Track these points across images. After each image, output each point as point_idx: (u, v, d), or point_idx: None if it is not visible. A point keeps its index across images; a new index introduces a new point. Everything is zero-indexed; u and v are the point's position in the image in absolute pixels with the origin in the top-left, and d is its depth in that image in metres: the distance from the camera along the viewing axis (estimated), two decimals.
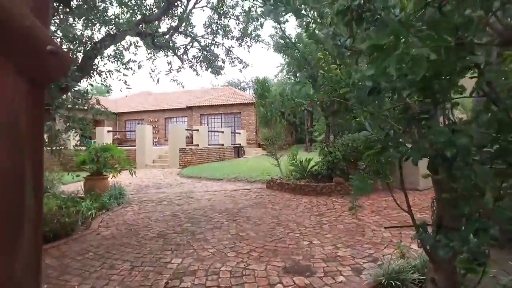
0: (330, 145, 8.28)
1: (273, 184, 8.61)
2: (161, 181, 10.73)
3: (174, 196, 7.88)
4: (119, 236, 4.69)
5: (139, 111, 28.48)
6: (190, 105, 25.69)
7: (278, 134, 8.72)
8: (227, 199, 7.46)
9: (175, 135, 14.25)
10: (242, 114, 24.11)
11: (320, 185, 7.80)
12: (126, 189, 8.91)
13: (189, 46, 7.89)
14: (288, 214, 5.90)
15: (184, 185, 9.74)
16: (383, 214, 5.81)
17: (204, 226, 5.16)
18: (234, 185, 9.57)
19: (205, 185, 9.68)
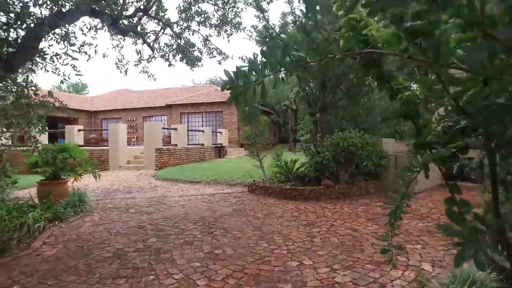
0: (318, 144, 7.57)
1: (255, 188, 7.83)
2: (133, 184, 9.79)
3: (144, 202, 7.00)
4: (65, 257, 3.80)
5: (116, 109, 27.17)
6: (170, 103, 24.61)
7: (261, 133, 7.96)
8: (203, 205, 6.63)
9: (151, 134, 13.28)
10: (224, 112, 23.24)
11: (307, 188, 7.07)
12: (91, 194, 7.97)
13: (160, 33, 7.02)
14: (272, 224, 5.13)
15: (158, 189, 8.84)
16: (381, 222, 5.12)
17: (173, 241, 4.33)
18: (213, 189, 8.74)
19: (181, 189, 8.81)
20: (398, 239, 4.30)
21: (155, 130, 13.28)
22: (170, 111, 24.82)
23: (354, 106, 7.51)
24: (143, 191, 8.59)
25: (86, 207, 6.14)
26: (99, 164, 13.92)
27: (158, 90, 30.25)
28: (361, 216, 5.56)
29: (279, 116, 29.94)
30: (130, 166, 13.61)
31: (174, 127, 15.48)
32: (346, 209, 6.07)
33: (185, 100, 24.34)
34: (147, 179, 10.89)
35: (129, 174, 12.05)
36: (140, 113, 26.18)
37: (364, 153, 6.99)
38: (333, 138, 6.94)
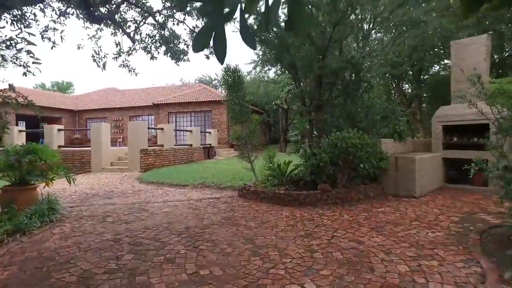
0: (314, 145, 7.04)
1: (246, 192, 7.25)
2: (114, 188, 9.10)
3: (124, 209, 6.35)
4: (16, 283, 3.16)
5: (102, 109, 26.27)
6: (157, 102, 23.85)
7: (252, 132, 7.38)
8: (190, 212, 6.03)
9: (136, 134, 12.58)
10: (213, 112, 22.59)
11: (302, 193, 6.52)
12: (67, 200, 7.30)
13: (142, 22, 6.37)
14: (266, 235, 4.57)
15: (141, 193, 8.19)
16: (387, 232, 4.60)
17: (152, 258, 3.72)
18: (200, 193, 8.13)
19: (166, 193, 8.17)
20: (409, 253, 3.79)
21: (140, 129, 12.59)
22: (158, 110, 24.06)
23: (352, 104, 7.00)
24: (124, 196, 7.92)
25: (57, 216, 5.47)
26: (81, 166, 13.19)
27: (145, 89, 29.44)
28: (363, 224, 5.04)
29: (269, 116, 29.43)
30: (113, 168, 12.89)
31: (161, 127, 14.79)
32: (346, 217, 5.54)
33: (173, 100, 23.61)
34: (130, 182, 10.21)
35: (112, 177, 11.34)
36: (126, 113, 25.33)
37: (364, 154, 6.48)
38: (331, 139, 6.40)
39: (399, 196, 7.23)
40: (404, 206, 6.27)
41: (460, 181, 8.18)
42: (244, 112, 7.45)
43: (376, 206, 6.30)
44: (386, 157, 7.34)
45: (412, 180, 7.10)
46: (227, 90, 7.64)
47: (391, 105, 7.55)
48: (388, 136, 8.13)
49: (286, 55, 7.52)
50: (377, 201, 6.83)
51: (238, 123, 7.60)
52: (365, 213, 5.79)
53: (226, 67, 7.51)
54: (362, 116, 7.08)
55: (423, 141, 9.50)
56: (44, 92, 29.93)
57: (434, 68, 21.17)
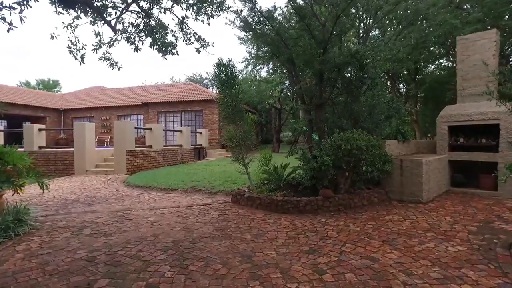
0: (315, 147, 6.49)
1: (240, 198, 6.66)
2: (97, 193, 8.42)
3: (105, 218, 5.71)
4: None
5: (89, 108, 25.38)
6: (146, 101, 23.08)
7: (247, 133, 6.79)
8: (178, 222, 5.42)
9: (122, 134, 11.86)
10: (204, 112, 21.94)
11: (302, 200, 5.96)
12: (42, 208, 6.62)
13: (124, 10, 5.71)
14: (265, 251, 3.99)
15: (126, 199, 7.54)
16: (402, 246, 4.07)
17: (131, 284, 3.11)
18: (190, 199, 7.51)
19: (153, 199, 7.53)
20: (433, 274, 3.25)
21: (127, 129, 11.89)
22: (147, 109, 23.30)
23: (355, 102, 6.46)
24: (107, 202, 7.26)
25: (25, 228, 4.80)
26: (63, 169, 12.45)
27: (134, 88, 28.63)
28: (373, 236, 4.49)
29: (262, 115, 28.87)
30: (98, 171, 12.16)
31: (149, 127, 14.09)
32: (353, 227, 4.99)
33: (162, 98, 22.88)
34: (115, 186, 9.53)
35: (96, 180, 10.63)
36: (114, 112, 24.50)
37: (369, 157, 5.95)
38: (334, 140, 5.85)
39: (404, 201, 6.74)
40: (413, 213, 5.76)
41: (467, 185, 7.72)
42: (237, 111, 6.86)
43: (382, 214, 5.78)
44: (391, 159, 6.84)
45: (419, 184, 6.60)
46: (219, 87, 7.04)
47: (396, 103, 7.03)
48: (391, 136, 7.63)
49: (283, 49, 6.95)
50: (382, 207, 6.32)
51: (231, 123, 7.01)
52: (372, 221, 5.25)
53: (218, 62, 6.91)
54: (366, 115, 6.54)
55: (427, 142, 9.03)
56: (27, 90, 28.84)
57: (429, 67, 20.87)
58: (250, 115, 6.87)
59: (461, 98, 7.92)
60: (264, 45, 7.54)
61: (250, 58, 30.24)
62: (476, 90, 7.56)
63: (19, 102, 22.39)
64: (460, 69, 7.85)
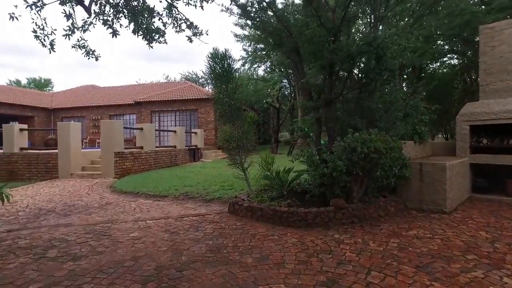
0: (323, 149, 5.66)
1: (238, 208, 5.82)
2: (78, 200, 7.54)
3: (79, 234, 4.85)
4: None
5: (79, 107, 24.44)
6: (139, 100, 22.16)
7: (246, 134, 5.95)
8: (165, 239, 4.57)
9: (110, 134, 10.97)
10: (199, 111, 21.07)
11: (311, 211, 5.13)
12: (9, 220, 5.75)
13: None
14: (271, 282, 3.15)
15: (109, 208, 6.67)
16: (442, 275, 3.24)
17: None
18: (182, 207, 6.66)
19: (140, 208, 6.67)
20: None
21: (115, 129, 10.99)
22: (140, 109, 22.40)
23: (370, 98, 5.64)
24: (87, 212, 6.39)
25: None
26: (46, 172, 11.53)
27: (127, 87, 27.72)
28: (402, 260, 3.66)
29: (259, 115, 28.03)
30: (84, 174, 11.27)
31: (140, 127, 13.19)
32: (373, 246, 4.17)
33: (156, 97, 21.98)
34: (100, 192, 8.64)
35: (80, 185, 9.74)
36: (106, 111, 23.56)
37: (388, 161, 5.13)
38: (348, 142, 5.02)
39: (424, 210, 5.94)
40: (439, 227, 4.95)
41: (491, 191, 6.93)
42: (235, 109, 6.02)
43: (404, 227, 4.96)
44: (409, 163, 6.03)
45: (442, 191, 5.80)
46: (214, 82, 6.20)
47: (413, 100, 6.22)
48: (405, 137, 6.83)
49: (287, 39, 6.12)
50: (401, 218, 5.51)
51: (228, 122, 6.17)
52: (395, 238, 4.43)
53: (213, 52, 6.07)
54: (382, 113, 5.72)
55: (443, 144, 8.24)
56: (15, 89, 27.80)
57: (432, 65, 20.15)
58: (249, 113, 6.03)
59: (484, 94, 7.12)
60: (264, 34, 6.69)
61: (247, 56, 29.49)
62: (502, 86, 6.78)
63: (4, 101, 21.40)
64: (484, 62, 7.05)
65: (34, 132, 23.37)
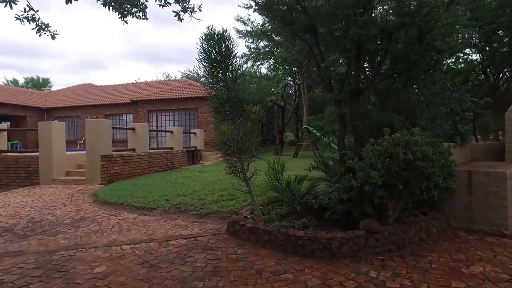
0: (348, 154, 4.40)
1: (240, 229, 4.58)
2: (50, 214, 6.33)
3: (24, 271, 3.63)
4: None
5: (74, 106, 23.30)
6: (135, 98, 20.98)
7: (249, 134, 4.70)
8: (140, 278, 3.34)
9: (95, 135, 9.75)
10: (199, 110, 19.86)
11: (336, 237, 3.88)
12: None
13: None
14: None
15: (82, 226, 5.45)
16: None
17: None
18: (171, 225, 5.43)
19: (120, 225, 5.45)
20: None
21: (101, 130, 9.78)
22: (137, 108, 21.22)
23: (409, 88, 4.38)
24: (53, 231, 5.18)
25: None
26: (26, 177, 10.35)
27: (125, 85, 26.57)
28: None
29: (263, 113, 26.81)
30: (68, 180, 10.07)
31: (132, 127, 11.98)
32: None
33: (153, 96, 20.80)
34: (79, 202, 7.42)
35: (60, 193, 8.53)
36: (101, 111, 22.40)
37: (437, 170, 3.88)
38: (385, 145, 3.77)
39: (475, 232, 4.69)
40: (509, 258, 3.70)
41: None
42: (235, 103, 4.79)
43: (460, 259, 3.71)
44: (455, 171, 4.77)
45: (500, 208, 4.55)
46: (209, 69, 4.97)
47: (456, 93, 4.95)
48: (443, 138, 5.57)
49: (299, 15, 4.88)
50: (449, 243, 4.27)
51: (226, 119, 4.93)
52: (456, 279, 3.19)
53: (208, 33, 4.84)
54: (424, 108, 4.46)
55: (484, 146, 6.96)
56: (7, 87, 26.71)
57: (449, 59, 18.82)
58: (252, 109, 4.78)
59: None
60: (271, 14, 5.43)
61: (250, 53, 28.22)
62: None
63: None
64: None
65: (27, 132, 22.24)
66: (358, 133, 4.42)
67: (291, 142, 32.21)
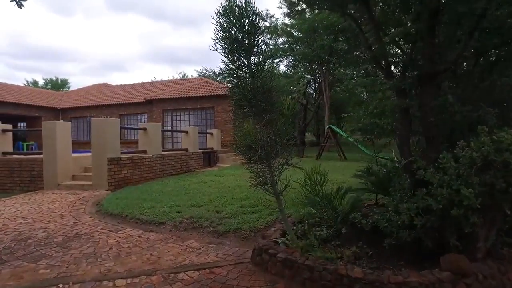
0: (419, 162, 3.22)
1: (269, 260, 3.47)
2: (41, 228, 5.40)
3: None
4: None
5: (88, 106, 22.73)
6: (150, 97, 20.18)
7: (281, 134, 3.58)
8: None
9: (102, 136, 8.82)
10: (216, 109, 18.86)
11: (410, 282, 2.71)
12: None
13: None
14: None
15: (74, 247, 4.47)
16: None
17: None
18: (181, 247, 4.38)
19: (120, 246, 4.44)
20: None
21: (108, 130, 8.85)
22: (151, 107, 20.41)
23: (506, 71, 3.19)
24: (37, 254, 4.21)
25: None
26: (30, 181, 9.56)
27: (139, 85, 25.85)
28: None
29: None
30: (73, 184, 9.19)
31: (143, 127, 11.04)
32: None
33: (168, 94, 19.94)
34: (79, 213, 6.48)
35: (61, 200, 7.63)
36: (115, 111, 21.71)
37: None
38: (483, 151, 2.59)
39: None
40: None
41: None
42: (262, 94, 3.68)
43: None
44: None
45: None
46: (228, 51, 3.87)
47: None
48: None
49: None
50: None
51: (251, 116, 3.82)
52: None
53: (226, 5, 3.75)
54: None
55: None
56: (24, 88, 26.47)
57: None
58: (286, 100, 3.65)
59: None
60: None
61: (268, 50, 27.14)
62: None
63: (8, 100, 19.83)
64: None
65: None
66: (432, 132, 3.24)
67: (312, 143, 30.93)
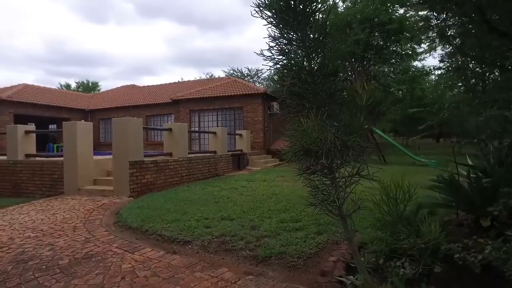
0: None
1: None
2: (49, 245, 4.61)
3: None
4: None
5: (115, 108, 22.53)
6: (176, 98, 19.58)
7: (354, 133, 2.53)
8: None
9: (123, 137, 8.05)
10: (245, 109, 17.95)
11: None
12: None
13: None
14: None
15: (79, 274, 3.60)
16: None
17: None
18: (210, 279, 3.39)
19: (133, 277, 3.52)
20: None
21: (130, 130, 8.06)
22: (178, 108, 19.81)
23: None
24: (33, 282, 3.36)
25: None
26: (51, 185, 9.00)
27: (167, 85, 25.48)
28: None
29: None
30: (94, 190, 8.49)
31: (168, 127, 10.25)
32: None
33: (195, 94, 19.27)
34: (95, 225, 5.67)
35: (79, 208, 6.89)
36: (142, 112, 21.32)
37: None
38: None
39: None
40: None
41: None
42: (327, 75, 2.65)
43: None
44: None
45: None
46: (276, 24, 2.85)
47: None
48: None
49: None
50: None
51: (308, 109, 2.78)
52: None
53: None
54: None
55: None
56: (54, 90, 26.71)
57: None
58: (361, 87, 2.59)
59: None
60: None
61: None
62: None
63: (40, 102, 19.93)
64: None
65: None
66: None
67: None
